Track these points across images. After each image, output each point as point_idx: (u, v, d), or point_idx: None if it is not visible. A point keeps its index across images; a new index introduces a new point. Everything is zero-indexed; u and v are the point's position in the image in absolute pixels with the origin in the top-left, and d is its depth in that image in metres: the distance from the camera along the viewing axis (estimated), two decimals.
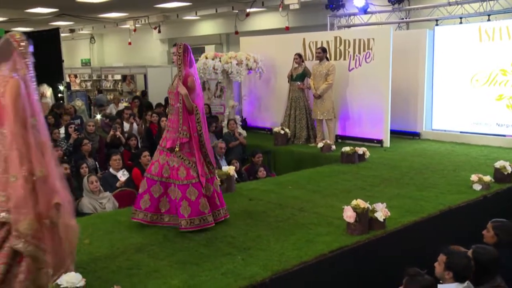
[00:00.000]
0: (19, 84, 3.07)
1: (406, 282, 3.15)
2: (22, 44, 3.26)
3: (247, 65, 9.88)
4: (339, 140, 9.34)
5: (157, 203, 4.70)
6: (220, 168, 6.36)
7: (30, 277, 3.04)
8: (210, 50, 18.52)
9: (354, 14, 11.38)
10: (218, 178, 5.06)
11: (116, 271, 3.74)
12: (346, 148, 7.58)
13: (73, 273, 2.92)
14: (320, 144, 8.45)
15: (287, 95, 9.60)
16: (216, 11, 14.30)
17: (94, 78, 20.16)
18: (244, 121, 11.19)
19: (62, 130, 8.85)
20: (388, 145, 8.87)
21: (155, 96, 13.91)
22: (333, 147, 8.41)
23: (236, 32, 14.14)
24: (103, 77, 19.99)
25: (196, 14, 15.47)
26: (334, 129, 9.17)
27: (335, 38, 9.37)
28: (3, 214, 3.01)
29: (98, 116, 10.05)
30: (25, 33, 11.81)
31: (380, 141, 8.90)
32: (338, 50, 9.29)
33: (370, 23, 11.32)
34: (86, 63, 24.50)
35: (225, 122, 10.19)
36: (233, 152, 8.80)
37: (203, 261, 3.91)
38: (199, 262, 3.88)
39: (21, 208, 2.97)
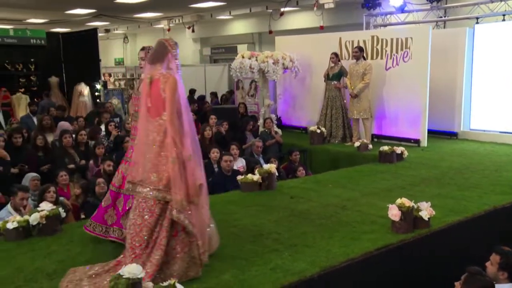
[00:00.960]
0: (177, 81, 3.57)
1: (465, 278, 3.14)
2: (174, 47, 3.70)
3: (283, 64, 9.95)
4: (375, 140, 9.32)
5: (103, 214, 4.31)
6: (261, 165, 6.45)
7: (186, 249, 3.52)
8: (242, 49, 18.66)
9: (391, 13, 11.31)
10: None
11: None
12: (384, 148, 7.57)
13: (134, 264, 3.04)
14: (357, 143, 8.45)
15: (323, 94, 9.63)
16: (250, 10, 14.41)
17: (128, 77, 20.52)
18: (278, 120, 11.26)
19: (102, 128, 9.09)
20: (426, 145, 8.82)
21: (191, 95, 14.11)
22: (370, 146, 8.41)
23: (270, 32, 14.21)
24: (135, 76, 20.31)
25: (230, 13, 15.61)
26: (370, 128, 9.16)
27: (372, 37, 9.35)
28: (155, 192, 3.46)
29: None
30: (64, 33, 12.15)
31: (417, 141, 8.85)
32: (375, 49, 9.27)
33: (407, 22, 11.23)
34: (119, 62, 24.97)
35: (261, 120, 10.27)
36: (270, 151, 8.87)
37: (251, 257, 3.99)
38: (248, 258, 3.97)
39: (174, 188, 3.40)
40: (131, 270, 2.98)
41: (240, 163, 7.73)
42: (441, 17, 10.97)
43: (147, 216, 3.46)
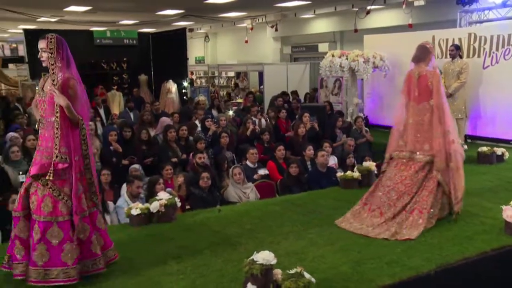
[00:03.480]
0: (439, 75, 4.77)
1: None
2: (433, 50, 4.99)
3: (373, 63, 9.90)
4: (468, 140, 9.06)
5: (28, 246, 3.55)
6: (353, 165, 6.49)
7: (444, 198, 4.72)
8: (323, 48, 18.65)
9: (490, 9, 10.84)
10: (101, 213, 3.88)
11: (283, 255, 4.02)
12: (483, 148, 7.37)
13: (267, 251, 3.23)
14: None
15: None
16: (335, 9, 14.40)
17: (209, 75, 21.15)
18: (365, 119, 11.19)
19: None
20: None
21: (273, 94, 14.29)
22: (465, 146, 8.18)
23: (356, 30, 14.11)
24: (216, 74, 20.89)
25: (314, 12, 15.66)
26: (464, 128, 8.91)
27: (469, 34, 9.08)
28: (429, 157, 4.68)
29: (231, 112, 10.61)
30: (154, 33, 12.66)
31: None
32: (471, 47, 9.00)
33: (509, 17, 10.70)
34: (199, 61, 25.68)
35: (348, 119, 10.29)
36: (360, 149, 8.87)
37: (364, 250, 4.09)
38: (361, 251, 4.08)
39: (439, 154, 4.63)
40: (264, 256, 3.17)
41: (332, 161, 7.81)
42: None
43: (421, 174, 4.68)
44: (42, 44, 3.57)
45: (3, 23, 16.25)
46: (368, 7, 13.36)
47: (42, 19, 15.52)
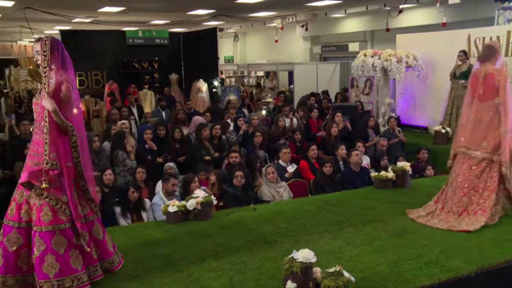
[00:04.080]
0: (506, 74, 4.75)
1: None
2: (499, 50, 5.02)
3: (406, 62, 9.80)
4: None
5: (15, 260, 3.41)
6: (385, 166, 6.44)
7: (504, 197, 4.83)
8: (353, 47, 18.54)
9: None
10: (100, 222, 3.75)
11: (320, 254, 4.03)
12: None
13: (306, 249, 3.25)
14: None
15: (449, 94, 9.37)
16: (367, 8, 14.29)
17: (238, 74, 21.24)
18: (397, 119, 11.08)
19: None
20: None
21: (303, 93, 14.28)
22: None
23: (387, 29, 13.97)
24: (245, 74, 20.96)
25: (345, 12, 15.57)
26: None
27: (508, 32, 8.88)
28: (486, 155, 4.75)
29: (264, 111, 10.66)
30: (185, 33, 12.79)
31: None
32: (510, 45, 8.81)
33: None
34: (228, 60, 25.83)
35: (380, 119, 10.21)
36: (393, 150, 8.78)
37: (400, 251, 4.07)
38: (397, 251, 4.05)
39: (504, 151, 4.68)
40: (304, 254, 3.19)
41: (365, 161, 7.76)
42: None
43: (478, 171, 4.79)
44: (37, 47, 3.45)
45: (40, 24, 16.64)
46: (401, 6, 13.21)
47: (77, 20, 15.85)
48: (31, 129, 3.58)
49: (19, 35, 17.79)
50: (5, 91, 16.76)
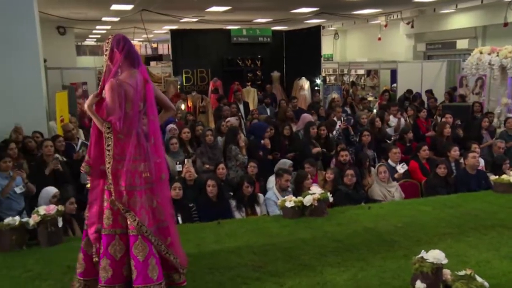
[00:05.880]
0: None
1: None
2: None
3: None
4: None
5: (121, 269, 3.28)
6: None
7: None
8: (462, 44, 17.65)
9: None
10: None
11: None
12: None
13: (437, 250, 3.20)
14: None
15: None
16: (482, 1, 13.48)
17: (338, 72, 21.08)
18: None
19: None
20: None
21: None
22: None
23: (505, 24, 13.11)
24: (345, 72, 20.74)
25: (456, 7, 14.85)
26: None
27: None
28: None
29: (375, 110, 10.55)
30: (287, 31, 12.89)
31: None
32: None
33: None
34: (328, 58, 25.66)
35: (495, 120, 9.67)
36: (510, 153, 8.28)
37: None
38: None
39: None
40: (435, 255, 3.15)
41: (480, 163, 7.41)
42: None
43: None
44: (106, 46, 3.36)
45: (150, 25, 17.63)
46: None
47: (185, 19, 16.59)
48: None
49: (133, 35, 18.95)
50: None
